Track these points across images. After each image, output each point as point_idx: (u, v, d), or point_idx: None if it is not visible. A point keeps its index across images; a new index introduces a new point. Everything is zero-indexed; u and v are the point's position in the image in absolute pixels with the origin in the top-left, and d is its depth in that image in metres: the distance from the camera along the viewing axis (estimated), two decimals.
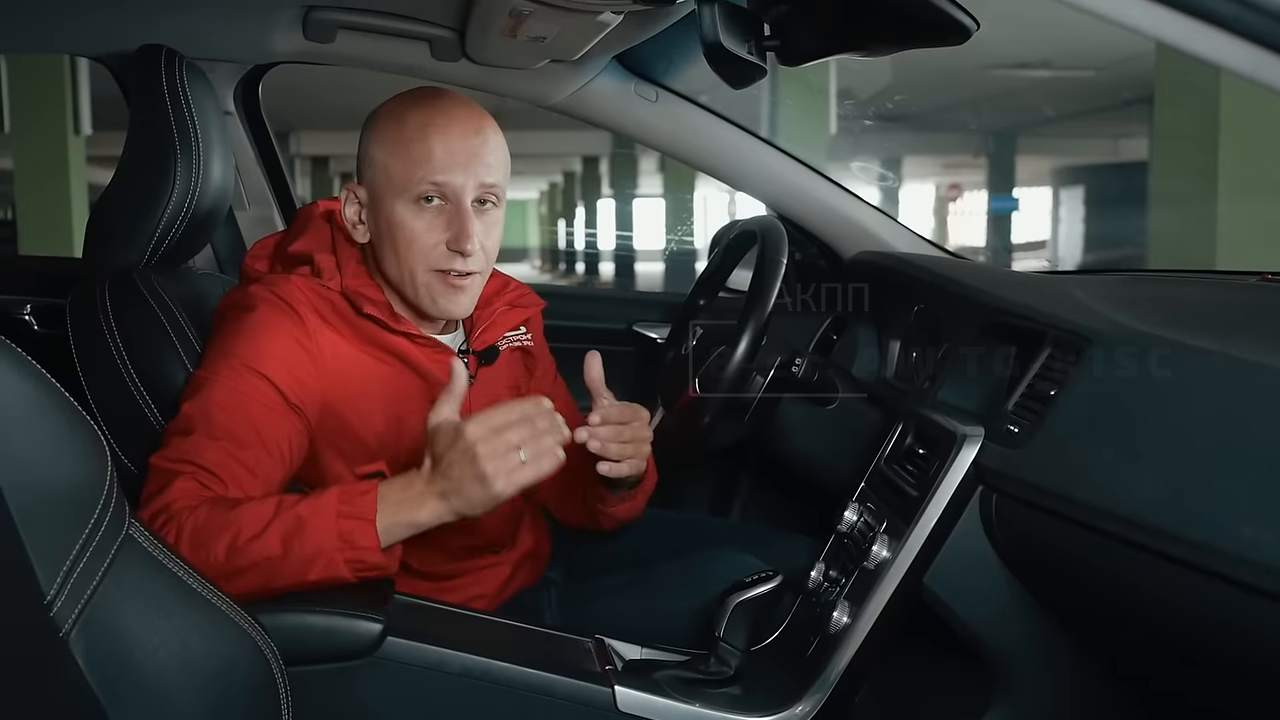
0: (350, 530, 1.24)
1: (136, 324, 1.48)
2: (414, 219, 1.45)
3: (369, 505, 1.25)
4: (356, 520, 1.24)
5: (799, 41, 1.42)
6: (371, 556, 1.25)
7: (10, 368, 0.84)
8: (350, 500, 1.25)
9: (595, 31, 1.67)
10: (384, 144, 1.46)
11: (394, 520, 1.25)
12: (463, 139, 1.44)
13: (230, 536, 1.23)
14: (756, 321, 1.62)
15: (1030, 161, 17.57)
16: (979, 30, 1.23)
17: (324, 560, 1.24)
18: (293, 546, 1.23)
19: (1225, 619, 1.00)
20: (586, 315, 2.40)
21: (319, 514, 1.24)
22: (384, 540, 1.25)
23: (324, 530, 1.24)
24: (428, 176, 1.43)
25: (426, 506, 1.26)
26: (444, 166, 1.43)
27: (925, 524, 1.38)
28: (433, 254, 1.45)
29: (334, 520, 1.24)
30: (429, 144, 1.43)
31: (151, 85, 1.56)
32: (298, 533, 1.23)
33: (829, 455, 1.86)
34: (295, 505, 1.25)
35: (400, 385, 1.50)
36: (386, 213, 1.46)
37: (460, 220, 1.44)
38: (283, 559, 1.23)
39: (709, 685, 1.40)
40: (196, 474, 1.30)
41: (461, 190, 1.44)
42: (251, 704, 1.05)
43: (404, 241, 1.45)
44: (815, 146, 9.55)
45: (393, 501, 1.26)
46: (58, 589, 0.86)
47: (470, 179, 1.44)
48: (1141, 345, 1.20)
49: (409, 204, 1.44)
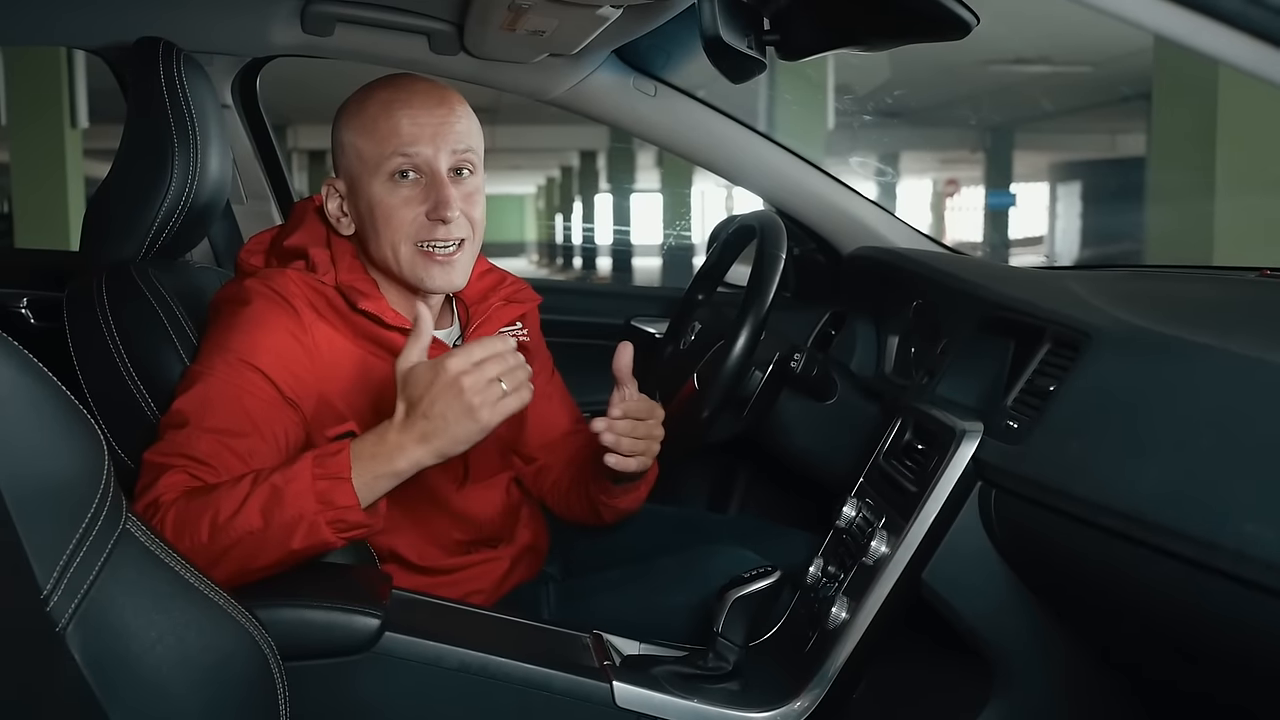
0: (327, 490, 1.24)
1: (133, 317, 1.47)
2: (390, 195, 1.45)
3: (343, 463, 1.25)
4: (332, 480, 1.24)
5: (798, 36, 1.41)
6: (352, 515, 1.25)
7: (7, 361, 0.84)
8: (323, 462, 1.25)
9: (594, 25, 1.66)
10: (352, 128, 1.48)
11: (371, 474, 1.25)
12: (427, 110, 1.45)
13: (210, 516, 1.23)
14: (755, 316, 1.62)
15: (1028, 157, 17.57)
16: (978, 25, 1.22)
17: (305, 525, 1.23)
18: (273, 516, 1.23)
19: (1225, 615, 0.99)
20: (584, 310, 2.40)
21: (295, 480, 1.24)
22: (364, 497, 1.25)
23: (301, 495, 1.23)
24: (398, 149, 1.44)
25: (405, 453, 1.26)
26: (412, 139, 1.44)
27: (924, 519, 1.38)
28: (413, 227, 1.46)
29: (310, 483, 1.24)
30: (395, 119, 1.44)
31: (149, 78, 1.56)
32: (276, 502, 1.23)
33: (827, 450, 1.86)
34: (270, 476, 1.26)
35: (394, 379, 1.49)
36: (365, 195, 1.46)
37: (437, 188, 1.45)
38: (264, 530, 1.23)
39: (707, 680, 1.40)
40: (188, 466, 1.30)
41: (434, 160, 1.45)
42: (249, 699, 1.05)
43: (382, 219, 1.46)
44: (813, 141, 9.55)
45: (367, 456, 1.26)
46: (54, 583, 0.85)
47: (441, 148, 1.45)
48: (1141, 341, 1.20)
49: (384, 182, 1.45)
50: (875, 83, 11.53)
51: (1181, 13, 0.94)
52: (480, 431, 1.26)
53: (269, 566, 1.25)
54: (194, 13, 1.86)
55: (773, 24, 1.41)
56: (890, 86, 11.55)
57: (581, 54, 1.95)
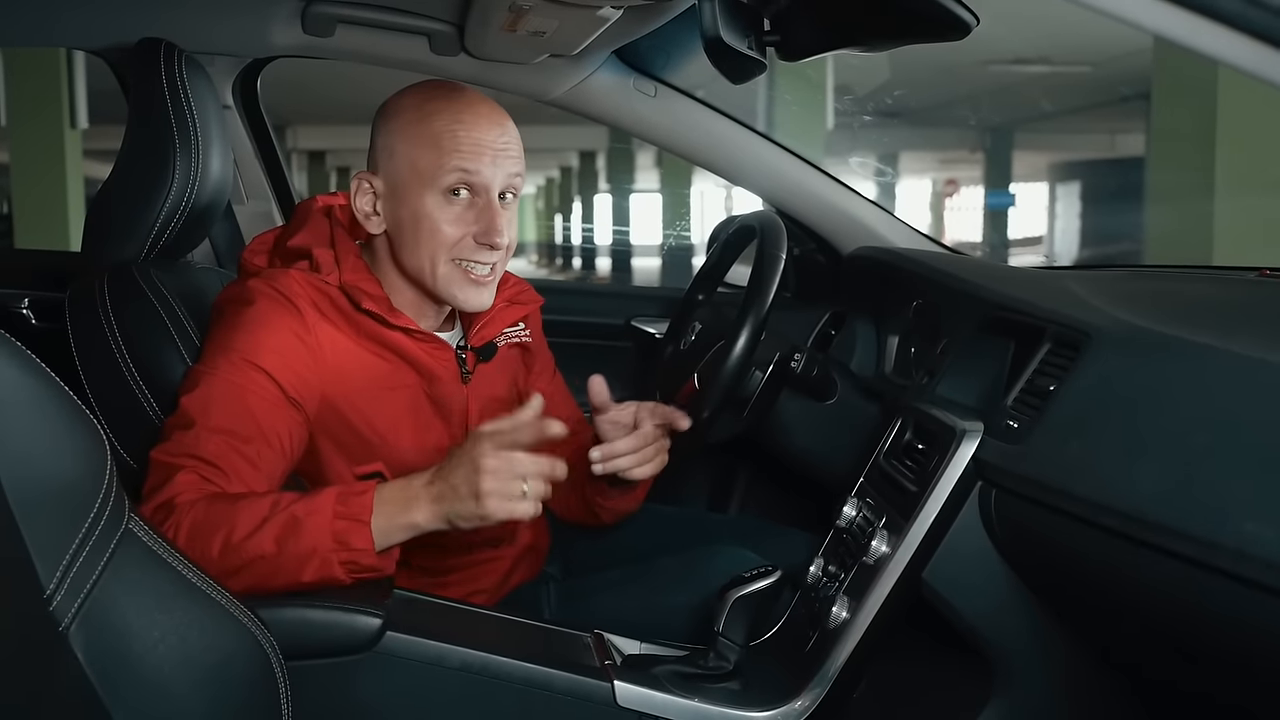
0: (345, 531, 1.23)
1: (136, 318, 1.47)
2: (441, 210, 1.45)
3: (365, 506, 1.25)
4: (352, 521, 1.24)
5: (798, 37, 1.41)
6: (366, 558, 1.25)
7: (9, 362, 0.84)
8: (347, 501, 1.25)
9: (594, 26, 1.67)
10: (409, 137, 1.46)
11: (390, 522, 1.25)
12: (489, 132, 1.45)
13: (225, 533, 1.22)
14: (755, 316, 1.62)
15: (1027, 157, 17.56)
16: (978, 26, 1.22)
17: (318, 561, 1.23)
18: (287, 546, 1.22)
19: (1226, 614, 1.00)
20: (585, 310, 2.40)
21: (315, 514, 1.24)
22: (380, 542, 1.25)
23: (319, 530, 1.23)
24: (460, 166, 1.43)
25: (421, 509, 1.25)
26: (474, 157, 1.44)
27: (924, 519, 1.38)
28: (458, 246, 1.46)
29: (329, 520, 1.23)
30: (459, 138, 1.44)
31: (150, 79, 1.56)
32: (293, 532, 1.23)
33: (828, 450, 1.86)
34: (292, 504, 1.25)
35: (398, 379, 1.50)
36: (412, 204, 1.45)
37: (490, 214, 1.45)
38: (276, 558, 1.22)
39: (708, 680, 1.40)
40: (198, 467, 1.30)
41: (491, 182, 1.45)
42: (251, 698, 1.05)
43: (428, 231, 1.45)
44: (813, 142, 9.54)
45: (389, 502, 1.25)
46: (57, 583, 0.86)
47: (499, 172, 1.45)
48: (1141, 340, 1.20)
49: (437, 195, 1.45)
50: (875, 83, 11.53)
51: (1181, 13, 0.94)
52: (480, 519, 1.24)
53: (275, 589, 1.24)
54: (195, 14, 1.86)
55: (773, 24, 1.41)
56: (890, 87, 11.54)
57: (582, 55, 1.95)
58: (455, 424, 1.55)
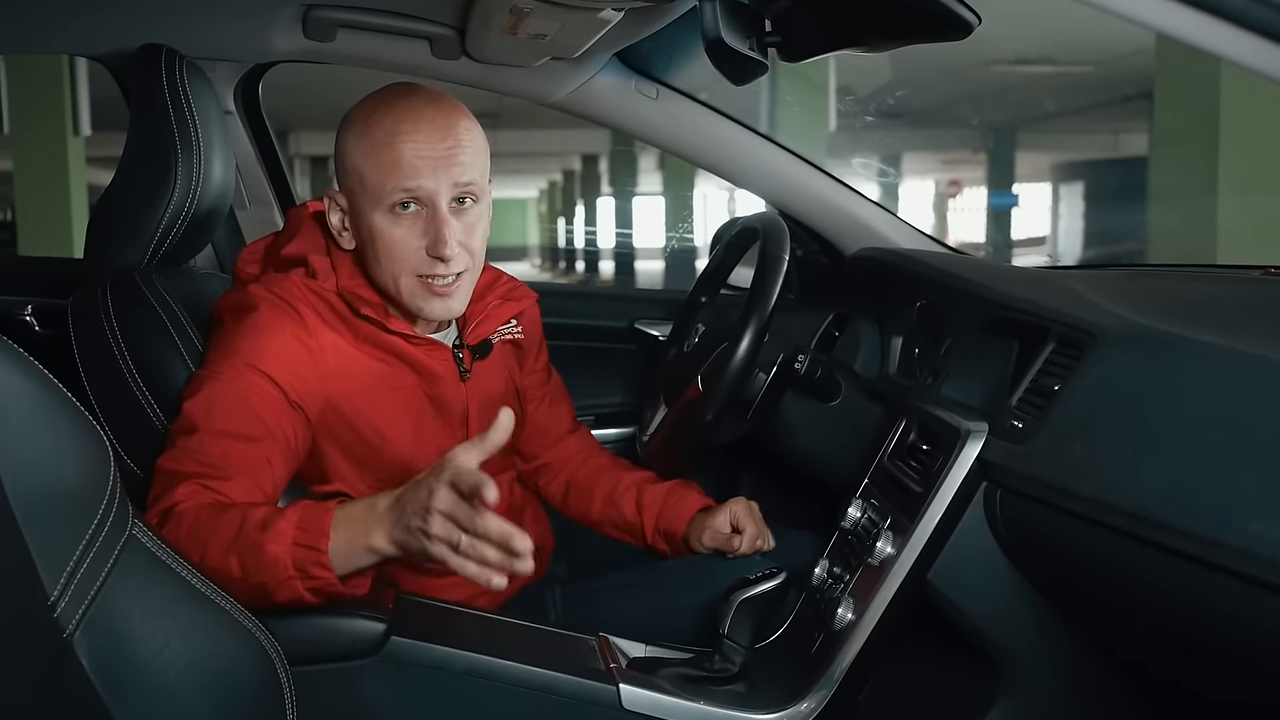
0: (303, 558, 1.18)
1: (138, 324, 1.47)
2: (391, 227, 1.43)
3: (323, 532, 1.18)
4: (308, 549, 1.18)
5: (800, 37, 1.42)
6: (331, 587, 1.19)
7: (12, 368, 0.84)
8: (306, 527, 1.19)
9: (596, 29, 1.67)
10: (355, 152, 1.44)
11: (350, 545, 1.18)
12: (431, 142, 1.41)
13: (201, 551, 1.19)
14: (759, 318, 1.62)
15: (1030, 157, 17.56)
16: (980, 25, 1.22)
17: (284, 588, 1.19)
18: (250, 572, 1.18)
19: (1230, 612, 0.99)
20: (588, 313, 2.40)
21: (276, 539, 1.18)
22: (342, 566, 1.18)
23: (280, 559, 1.18)
24: (400, 184, 1.40)
25: (378, 533, 1.17)
26: (414, 172, 1.40)
27: (929, 520, 1.38)
28: (414, 260, 1.43)
29: (289, 549, 1.18)
30: (397, 150, 1.40)
31: (152, 85, 1.56)
32: (255, 558, 1.18)
33: (832, 452, 1.86)
34: (257, 527, 1.20)
35: (398, 381, 1.51)
36: (366, 221, 1.44)
37: (437, 225, 1.41)
38: (243, 582, 1.18)
39: (714, 683, 1.40)
40: (200, 475, 1.29)
41: (435, 194, 1.41)
42: (255, 703, 1.05)
43: (384, 250, 1.44)
44: (815, 143, 9.54)
45: (350, 523, 1.18)
46: (61, 589, 0.86)
47: (443, 181, 1.41)
48: (1145, 339, 1.20)
49: (385, 213, 1.42)
50: (877, 84, 11.53)
51: (1183, 10, 0.94)
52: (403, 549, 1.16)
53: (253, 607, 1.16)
54: (196, 19, 1.86)
55: (774, 26, 1.42)
56: (892, 87, 11.54)
57: (583, 57, 1.95)
58: (456, 423, 1.56)
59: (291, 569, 1.18)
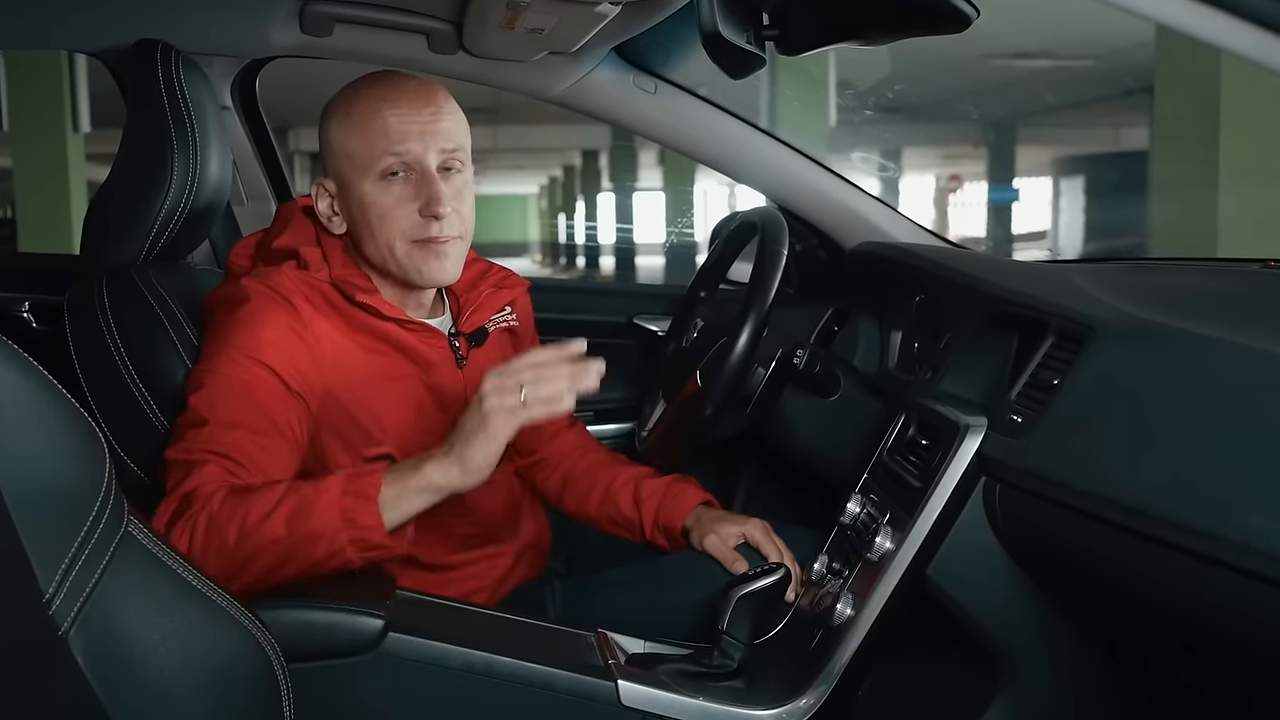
0: (352, 508, 1.25)
1: (135, 320, 1.47)
2: (383, 195, 1.46)
3: (374, 483, 1.26)
4: (358, 498, 1.25)
5: (798, 31, 1.41)
6: (374, 535, 1.26)
7: (7, 365, 0.84)
8: (354, 480, 1.27)
9: (594, 23, 1.66)
10: (340, 129, 1.48)
11: (402, 486, 1.27)
12: (415, 108, 1.47)
13: (240, 520, 1.24)
14: (758, 313, 1.62)
15: (1030, 151, 17.54)
16: (979, 18, 1.22)
17: (327, 540, 1.25)
18: (296, 527, 1.24)
19: (1230, 607, 0.99)
20: (587, 308, 2.40)
21: (324, 493, 1.26)
22: (390, 516, 1.26)
23: (327, 509, 1.25)
24: (388, 149, 1.45)
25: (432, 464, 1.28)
26: (401, 137, 1.45)
27: (928, 515, 1.38)
28: (408, 224, 1.47)
29: (337, 498, 1.25)
30: (383, 118, 1.45)
31: (148, 80, 1.56)
32: (303, 513, 1.24)
33: (831, 446, 1.85)
34: (303, 487, 1.27)
35: (396, 370, 1.51)
36: (357, 195, 1.47)
37: (428, 185, 1.46)
38: (288, 540, 1.24)
39: (712, 679, 1.40)
40: (220, 461, 1.31)
41: (423, 157, 1.46)
42: (253, 701, 1.05)
43: (377, 218, 1.47)
44: (815, 137, 9.53)
45: (401, 469, 1.28)
46: (56, 587, 0.85)
47: (430, 146, 1.46)
48: (1145, 333, 1.20)
49: (375, 181, 1.46)
50: (876, 78, 11.51)
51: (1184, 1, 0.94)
52: (488, 439, 1.27)
53: (293, 574, 1.26)
54: (192, 14, 1.86)
55: (772, 19, 1.41)
56: (891, 81, 11.53)
57: (581, 51, 1.95)
58: (455, 411, 1.55)
59: (339, 520, 1.24)
